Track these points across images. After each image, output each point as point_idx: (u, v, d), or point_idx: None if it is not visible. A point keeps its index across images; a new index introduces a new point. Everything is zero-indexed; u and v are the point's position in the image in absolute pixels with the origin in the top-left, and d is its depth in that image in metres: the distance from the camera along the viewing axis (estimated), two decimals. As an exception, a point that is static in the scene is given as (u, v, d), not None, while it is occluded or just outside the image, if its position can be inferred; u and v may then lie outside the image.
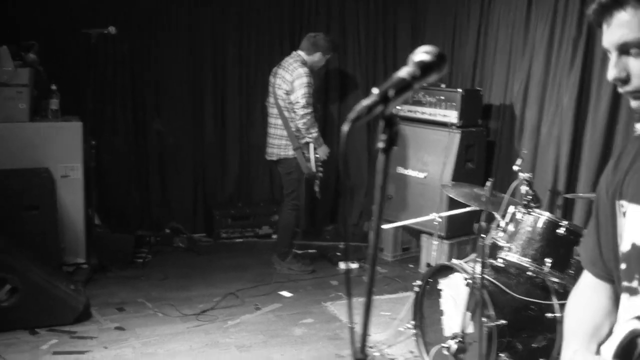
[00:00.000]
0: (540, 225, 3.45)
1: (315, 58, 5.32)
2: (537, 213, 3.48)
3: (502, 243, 3.55)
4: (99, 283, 4.92)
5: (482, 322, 3.23)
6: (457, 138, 5.31)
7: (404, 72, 1.07)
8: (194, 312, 4.52)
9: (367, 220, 6.46)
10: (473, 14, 5.91)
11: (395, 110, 1.04)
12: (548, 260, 3.37)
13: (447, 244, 5.29)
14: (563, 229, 3.40)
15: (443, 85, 5.54)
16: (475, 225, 3.27)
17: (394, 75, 1.07)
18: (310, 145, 5.25)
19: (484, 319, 3.23)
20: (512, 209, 3.58)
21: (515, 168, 3.73)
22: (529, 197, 3.57)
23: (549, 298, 3.41)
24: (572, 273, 3.39)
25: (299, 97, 5.06)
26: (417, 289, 3.70)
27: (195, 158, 6.21)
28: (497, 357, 3.22)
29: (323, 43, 5.31)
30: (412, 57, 1.10)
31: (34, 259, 4.25)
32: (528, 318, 3.39)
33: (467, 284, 3.36)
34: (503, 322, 3.23)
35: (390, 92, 1.03)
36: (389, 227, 5.03)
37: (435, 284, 3.63)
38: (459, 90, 5.32)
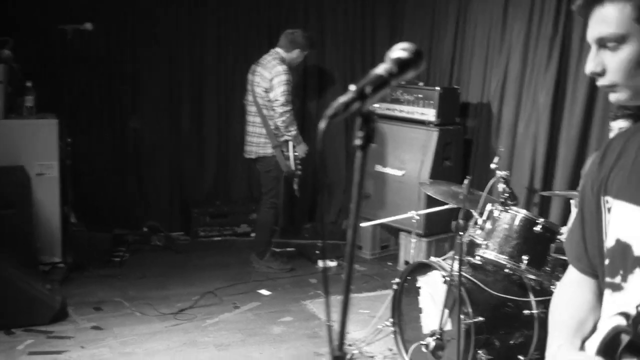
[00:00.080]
0: (517, 223, 3.48)
1: (294, 55, 5.30)
2: (514, 211, 3.51)
3: (479, 240, 3.57)
4: (76, 282, 4.86)
5: (460, 319, 3.25)
6: (435, 136, 5.33)
7: (381, 69, 1.07)
8: (172, 311, 4.49)
9: (345, 218, 6.46)
10: (451, 11, 5.94)
11: (373, 107, 1.04)
12: (525, 258, 3.40)
13: (425, 242, 5.32)
14: (540, 227, 3.43)
15: (421, 84, 5.57)
16: (453, 223, 3.28)
17: (371, 72, 1.07)
18: (290, 144, 5.24)
19: (462, 316, 3.24)
20: (489, 207, 3.60)
21: (493, 166, 3.76)
22: (506, 194, 3.60)
23: (526, 295, 3.44)
24: (548, 270, 3.44)
25: (278, 94, 5.04)
26: (395, 287, 3.71)
27: (173, 156, 6.16)
28: (475, 354, 3.24)
29: (301, 40, 5.30)
30: (389, 54, 1.10)
31: (9, 258, 4.18)
32: (505, 315, 3.41)
33: (445, 282, 3.37)
34: (481, 319, 3.25)
35: (368, 88, 1.03)
36: (368, 225, 5.04)
37: (414, 282, 3.65)
38: (437, 89, 5.34)
